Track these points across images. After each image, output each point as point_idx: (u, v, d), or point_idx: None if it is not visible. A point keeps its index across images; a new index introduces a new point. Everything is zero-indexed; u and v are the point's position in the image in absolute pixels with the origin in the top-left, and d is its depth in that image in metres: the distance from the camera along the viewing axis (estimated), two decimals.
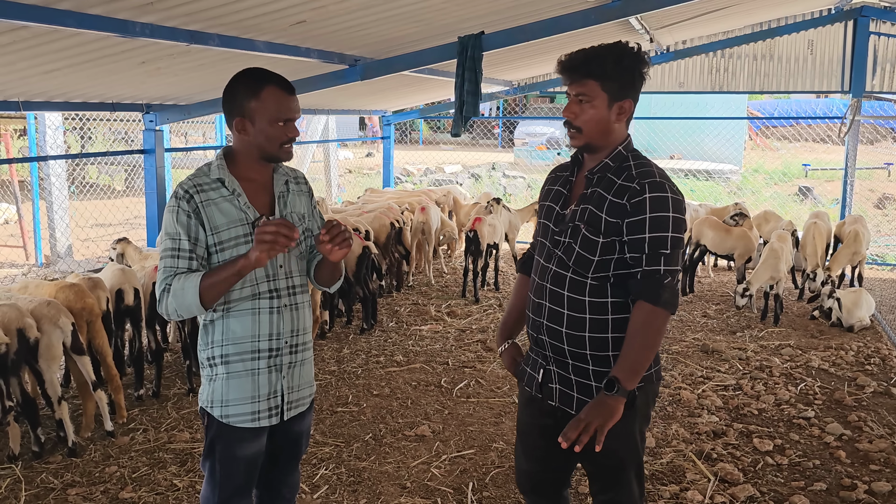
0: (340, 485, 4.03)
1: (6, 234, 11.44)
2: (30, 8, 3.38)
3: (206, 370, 2.53)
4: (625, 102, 2.36)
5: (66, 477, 4.07)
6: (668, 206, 2.28)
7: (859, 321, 6.95)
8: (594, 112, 2.34)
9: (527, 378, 2.59)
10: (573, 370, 2.43)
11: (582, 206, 2.39)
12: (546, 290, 2.45)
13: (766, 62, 10.17)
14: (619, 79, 2.32)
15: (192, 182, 2.43)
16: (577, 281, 2.38)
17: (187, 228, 2.37)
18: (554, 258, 2.44)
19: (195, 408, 4.94)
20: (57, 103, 6.02)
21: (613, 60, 2.30)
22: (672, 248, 2.29)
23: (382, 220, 7.76)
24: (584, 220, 2.36)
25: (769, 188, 16.66)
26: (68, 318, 4.29)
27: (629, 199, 2.29)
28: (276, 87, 2.40)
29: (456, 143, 26.64)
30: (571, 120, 2.37)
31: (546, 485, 2.67)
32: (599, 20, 5.45)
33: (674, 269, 2.31)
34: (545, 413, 2.53)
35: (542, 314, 2.46)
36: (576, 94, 2.35)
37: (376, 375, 5.68)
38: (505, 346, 2.73)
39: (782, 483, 4.09)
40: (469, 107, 5.86)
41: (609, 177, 2.37)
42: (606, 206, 2.32)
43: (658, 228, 2.27)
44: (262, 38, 4.89)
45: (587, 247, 2.34)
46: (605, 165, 2.38)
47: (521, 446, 2.71)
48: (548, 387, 2.49)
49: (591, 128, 2.36)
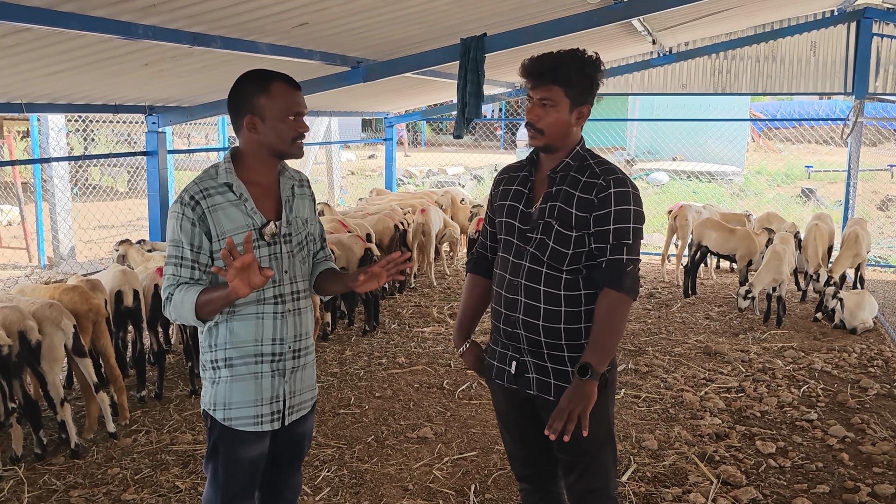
0: (342, 487, 4.03)
1: (9, 236, 11.45)
2: (33, 10, 3.38)
3: (209, 372, 2.53)
4: (584, 108, 2.50)
5: (68, 479, 4.07)
6: (630, 200, 2.44)
7: (862, 323, 6.94)
8: (557, 116, 2.47)
9: (495, 371, 2.68)
10: (549, 358, 2.53)
11: (550, 203, 2.51)
12: (521, 286, 2.54)
13: (769, 64, 10.15)
14: (580, 86, 2.46)
15: (198, 187, 2.41)
16: (552, 276, 2.49)
17: (190, 237, 2.37)
18: (526, 255, 2.53)
19: (197, 409, 4.94)
20: (60, 105, 6.02)
21: (577, 68, 2.44)
22: (633, 239, 2.45)
23: (386, 223, 7.77)
24: (555, 216, 2.48)
25: (772, 190, 16.64)
26: (70, 320, 4.30)
27: (596, 194, 2.44)
28: (283, 82, 2.42)
29: (458, 145, 26.65)
30: (534, 122, 2.49)
31: (541, 465, 2.76)
32: (602, 22, 5.45)
33: (635, 258, 2.47)
34: (522, 399, 2.64)
35: (516, 309, 2.54)
36: (539, 98, 2.47)
37: (378, 377, 5.68)
38: (466, 346, 2.80)
39: (785, 485, 4.08)
40: (471, 108, 5.86)
41: (573, 175, 2.50)
42: (575, 202, 2.46)
43: (621, 220, 2.42)
44: (264, 40, 4.90)
45: (560, 241, 2.47)
46: (566, 165, 2.52)
47: (506, 434, 2.83)
48: (523, 377, 2.59)
49: (553, 130, 2.48)
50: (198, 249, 2.38)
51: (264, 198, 2.49)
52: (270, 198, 2.51)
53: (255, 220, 2.43)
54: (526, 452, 2.78)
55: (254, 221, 2.43)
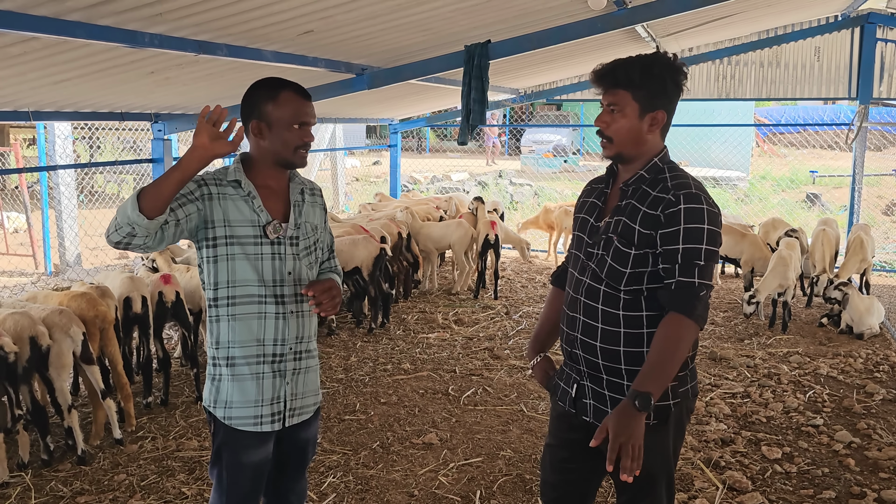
0: (348, 493, 4.04)
1: (16, 243, 11.50)
2: (40, 19, 3.41)
3: (210, 368, 2.56)
4: (657, 113, 2.32)
5: (75, 485, 4.09)
6: (704, 218, 2.23)
7: (869, 329, 6.92)
8: (625, 121, 2.31)
9: (560, 393, 2.55)
10: (607, 385, 2.38)
11: (616, 217, 2.35)
12: (580, 304, 2.42)
13: (773, 69, 10.16)
14: (649, 88, 2.29)
15: (211, 176, 2.48)
16: (610, 294, 2.34)
17: (185, 193, 2.38)
18: (588, 271, 2.40)
19: (203, 416, 4.95)
20: (67, 113, 6.05)
21: (641, 69, 2.28)
22: (706, 261, 2.24)
23: (391, 229, 7.80)
24: (618, 231, 2.33)
25: (777, 195, 16.62)
26: (79, 328, 4.32)
27: (663, 210, 2.25)
28: (293, 91, 2.46)
29: (463, 151, 26.66)
30: (603, 129, 2.36)
31: (570, 497, 2.63)
32: (605, 28, 5.46)
33: (707, 283, 2.25)
34: (576, 428, 2.49)
35: (576, 328, 2.43)
36: (607, 103, 2.33)
37: (384, 383, 5.69)
38: (537, 360, 2.68)
39: (791, 491, 4.07)
40: (476, 115, 5.88)
41: (644, 188, 2.33)
42: (640, 218, 2.29)
43: (692, 240, 2.23)
44: (269, 47, 4.92)
45: (619, 259, 2.31)
46: (640, 177, 2.35)
47: (548, 458, 2.66)
48: (581, 402, 2.45)
49: (622, 137, 2.33)
50: (180, 204, 2.36)
51: (273, 199, 2.53)
52: (279, 200, 2.55)
53: (259, 217, 2.48)
54: (560, 481, 2.63)
55: (259, 218, 2.47)
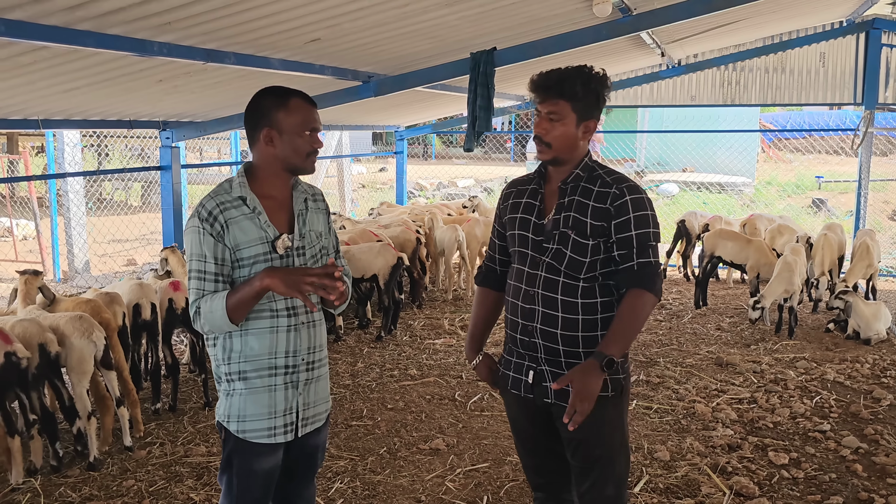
0: (356, 498, 4.05)
1: (25, 250, 11.57)
2: (51, 29, 3.44)
3: (224, 385, 2.56)
4: (590, 122, 2.56)
5: (84, 490, 4.11)
6: (646, 205, 2.54)
7: (877, 334, 6.92)
8: (564, 129, 2.53)
9: (511, 382, 2.71)
10: (567, 367, 2.57)
11: (564, 213, 2.57)
12: (538, 296, 2.58)
13: (778, 75, 10.16)
14: (587, 100, 2.52)
15: (214, 201, 2.46)
16: (569, 284, 2.55)
17: (213, 250, 2.42)
18: (542, 264, 2.58)
19: (211, 421, 4.97)
20: (76, 121, 6.10)
21: (583, 83, 2.50)
22: (655, 241, 2.55)
23: (408, 235, 7.83)
24: (569, 226, 2.55)
25: (782, 200, 16.59)
26: (101, 332, 4.36)
27: (612, 203, 2.52)
28: (301, 99, 2.49)
29: (468, 158, 26.70)
30: (542, 136, 2.55)
31: (553, 473, 2.80)
32: (611, 35, 5.48)
33: (659, 261, 2.58)
34: (539, 409, 2.67)
35: (534, 319, 2.59)
36: (547, 111, 2.53)
37: (390, 389, 5.70)
38: (479, 359, 2.84)
39: (798, 497, 4.07)
40: (481, 121, 5.90)
41: (583, 185, 2.58)
42: (590, 211, 2.54)
43: (642, 226, 2.52)
44: (277, 55, 4.96)
45: (577, 250, 2.53)
46: (576, 176, 2.59)
47: (520, 444, 2.88)
48: (541, 386, 2.62)
49: (560, 144, 2.55)
50: (221, 262, 2.43)
51: (278, 211, 2.53)
52: (284, 211, 2.55)
53: (268, 234, 2.47)
54: (539, 461, 2.83)
55: (267, 234, 2.47)
